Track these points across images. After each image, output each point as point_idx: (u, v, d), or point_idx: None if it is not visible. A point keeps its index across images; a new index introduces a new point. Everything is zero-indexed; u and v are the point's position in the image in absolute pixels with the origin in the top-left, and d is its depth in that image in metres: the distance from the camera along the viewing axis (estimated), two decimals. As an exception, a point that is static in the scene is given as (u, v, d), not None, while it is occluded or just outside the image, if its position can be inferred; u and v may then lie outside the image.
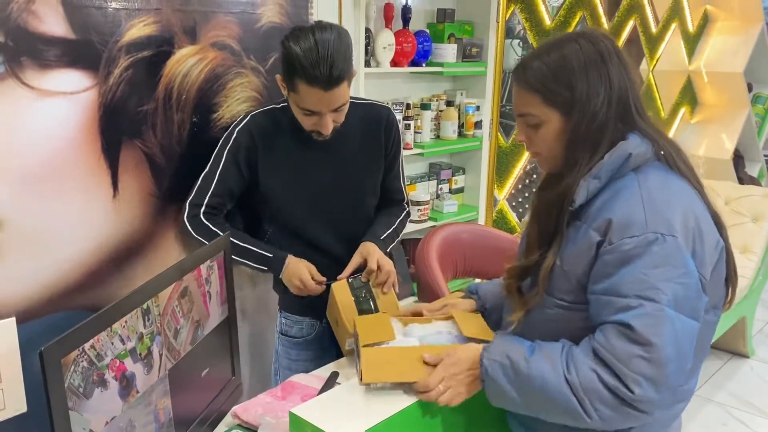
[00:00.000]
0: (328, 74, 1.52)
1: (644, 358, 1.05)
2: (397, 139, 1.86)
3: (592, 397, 1.08)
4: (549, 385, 1.11)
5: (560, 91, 1.16)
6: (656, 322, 1.05)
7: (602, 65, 1.15)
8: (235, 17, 1.92)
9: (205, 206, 1.75)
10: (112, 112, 1.68)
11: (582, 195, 1.15)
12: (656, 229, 1.08)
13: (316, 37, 1.51)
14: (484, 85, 3.04)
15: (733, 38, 4.82)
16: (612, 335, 1.08)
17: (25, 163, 1.54)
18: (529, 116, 1.20)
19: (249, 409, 1.42)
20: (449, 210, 3.03)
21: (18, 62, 1.49)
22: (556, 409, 1.12)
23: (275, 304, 1.99)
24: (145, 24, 1.71)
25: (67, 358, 0.92)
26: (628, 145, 1.15)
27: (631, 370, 1.05)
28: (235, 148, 1.74)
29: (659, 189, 1.14)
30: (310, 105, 1.59)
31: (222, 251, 1.40)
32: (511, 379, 1.16)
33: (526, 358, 1.15)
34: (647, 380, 1.05)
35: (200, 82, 1.87)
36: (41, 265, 1.60)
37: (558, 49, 1.18)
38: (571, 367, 1.10)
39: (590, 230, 1.14)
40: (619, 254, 1.09)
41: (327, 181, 1.77)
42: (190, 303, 1.27)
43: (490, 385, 1.19)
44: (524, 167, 3.60)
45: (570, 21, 3.64)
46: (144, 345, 1.10)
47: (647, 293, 1.06)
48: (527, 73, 1.19)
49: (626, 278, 1.08)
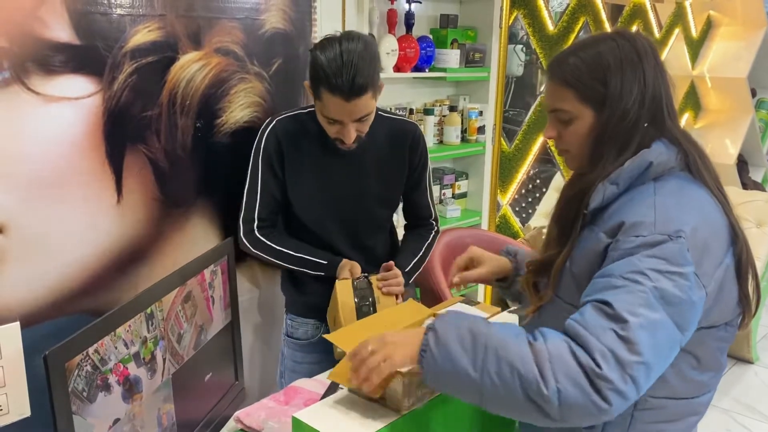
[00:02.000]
0: (351, 84, 1.54)
1: (616, 334, 0.98)
2: (424, 156, 1.89)
3: (557, 365, 0.98)
4: (510, 347, 1.01)
5: (594, 86, 1.14)
6: (636, 303, 1.00)
7: (638, 64, 1.14)
8: (239, 23, 1.93)
9: (258, 220, 1.79)
10: (116, 118, 1.69)
11: (597, 199, 1.14)
12: (665, 231, 1.06)
13: (342, 47, 1.54)
14: (487, 90, 3.05)
15: (736, 43, 4.82)
16: (587, 311, 1.03)
17: (30, 168, 1.54)
18: (561, 112, 1.18)
19: (252, 414, 1.43)
20: (452, 215, 3.03)
21: (23, 68, 1.49)
22: (510, 378, 1.00)
23: (281, 308, 1.99)
24: (150, 30, 1.72)
25: (71, 362, 0.93)
26: (650, 153, 1.13)
27: (600, 342, 0.98)
28: (267, 154, 1.78)
29: (674, 196, 1.12)
30: (332, 114, 1.62)
31: (225, 256, 1.40)
32: (466, 342, 1.04)
33: (486, 325, 1.06)
34: (615, 359, 0.97)
35: (204, 87, 1.87)
36: (45, 270, 1.61)
37: (594, 45, 1.17)
38: (537, 336, 1.03)
39: (600, 233, 1.12)
40: (622, 251, 1.07)
41: (345, 188, 1.80)
42: (194, 307, 1.27)
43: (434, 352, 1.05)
44: (527, 172, 3.60)
45: (573, 26, 3.65)
46: (147, 349, 1.10)
47: (634, 276, 1.03)
48: (563, 68, 1.17)
49: (620, 264, 1.05)
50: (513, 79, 3.43)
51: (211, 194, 1.96)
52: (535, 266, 1.27)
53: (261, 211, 1.79)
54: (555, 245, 1.22)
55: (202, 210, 1.95)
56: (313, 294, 1.85)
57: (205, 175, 1.92)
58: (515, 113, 3.55)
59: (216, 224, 1.99)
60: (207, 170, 1.92)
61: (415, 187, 1.92)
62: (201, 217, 1.95)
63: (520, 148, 3.52)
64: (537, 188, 3.77)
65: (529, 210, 3.76)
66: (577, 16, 3.65)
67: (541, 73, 3.59)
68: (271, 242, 1.79)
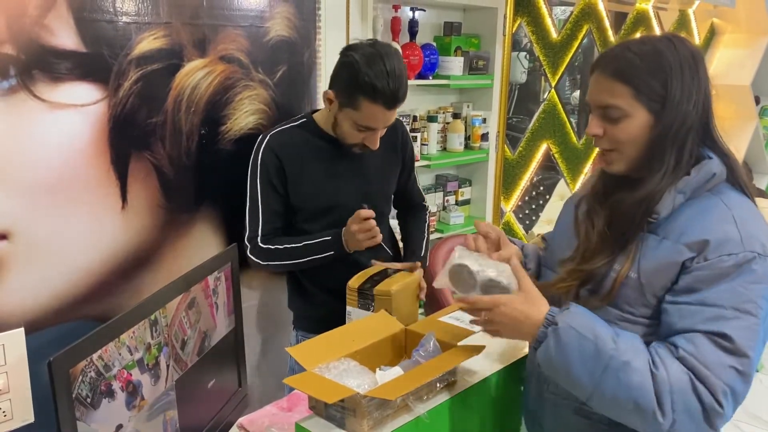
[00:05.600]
0: (395, 95, 1.64)
1: (737, 370, 1.02)
2: (411, 148, 2.00)
3: (677, 399, 1.01)
4: (632, 373, 1.03)
5: (654, 86, 1.10)
6: (753, 336, 1.03)
7: (695, 68, 1.11)
8: (244, 31, 1.94)
9: (261, 236, 1.80)
10: (121, 124, 1.69)
11: (668, 208, 1.11)
12: (753, 248, 1.06)
13: (384, 60, 1.62)
14: (491, 97, 3.05)
15: (740, 51, 4.82)
16: (704, 344, 1.03)
17: (35, 174, 1.55)
18: (612, 108, 1.13)
19: (255, 421, 1.42)
20: (456, 222, 3.03)
21: (30, 75, 1.50)
22: (625, 399, 1.04)
23: (285, 314, 1.99)
24: (155, 37, 1.73)
25: (76, 368, 0.93)
26: (712, 165, 1.13)
27: (722, 380, 1.01)
28: (265, 171, 1.79)
29: (746, 211, 1.12)
30: (368, 121, 1.68)
31: (229, 262, 1.40)
32: (588, 354, 1.05)
33: (614, 339, 1.06)
34: (733, 394, 1.02)
35: (209, 94, 1.88)
36: (50, 276, 1.61)
37: (651, 44, 1.13)
38: (658, 363, 1.04)
39: (680, 245, 1.09)
40: (717, 270, 1.05)
41: (350, 191, 1.82)
42: (198, 314, 1.27)
43: (552, 349, 1.08)
44: (531, 179, 3.60)
45: (576, 34, 3.65)
46: (151, 356, 1.11)
47: (746, 306, 1.03)
48: (618, 63, 1.12)
49: (722, 291, 1.04)
50: (516, 86, 3.43)
51: (216, 201, 1.96)
52: (583, 275, 1.18)
53: (264, 228, 1.81)
54: (602, 255, 1.16)
55: (206, 216, 1.95)
56: (323, 306, 1.86)
57: (209, 182, 1.92)
58: (518, 120, 3.55)
59: (220, 231, 2.00)
60: (211, 177, 1.92)
61: (407, 177, 2.02)
62: (205, 224, 1.96)
63: (524, 155, 3.52)
64: (540, 195, 3.77)
65: (533, 217, 3.76)
66: (580, 24, 3.66)
67: (544, 80, 3.60)
68: (276, 245, 1.80)
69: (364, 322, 1.47)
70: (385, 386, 1.14)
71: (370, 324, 1.43)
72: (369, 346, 1.33)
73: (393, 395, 1.10)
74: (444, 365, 1.22)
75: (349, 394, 1.10)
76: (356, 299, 1.67)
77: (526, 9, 3.28)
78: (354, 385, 1.15)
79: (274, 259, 1.79)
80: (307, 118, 1.85)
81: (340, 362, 1.22)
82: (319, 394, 1.10)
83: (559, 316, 1.10)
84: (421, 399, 1.21)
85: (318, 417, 1.18)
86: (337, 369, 1.20)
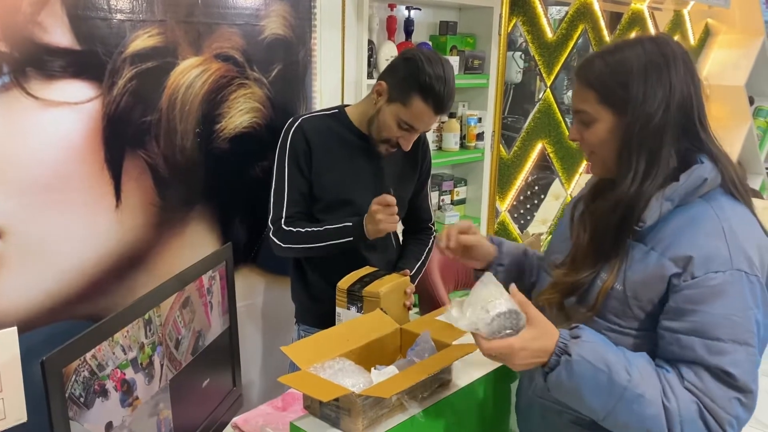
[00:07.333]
0: (445, 102, 1.70)
1: (742, 403, 1.05)
2: (429, 161, 1.99)
3: (687, 429, 1.04)
4: (646, 405, 1.05)
5: (615, 89, 1.13)
6: (752, 368, 1.06)
7: (664, 69, 1.11)
8: (239, 29, 1.93)
9: (285, 218, 1.80)
10: (115, 123, 1.69)
11: (654, 216, 1.10)
12: (740, 266, 1.05)
13: (444, 66, 1.68)
14: (486, 97, 3.06)
15: (734, 52, 4.84)
16: (708, 379, 1.05)
17: (29, 173, 1.54)
18: (583, 113, 1.17)
19: (250, 420, 1.42)
20: (451, 221, 3.03)
21: (23, 73, 1.50)
22: (638, 428, 1.06)
23: (281, 314, 1.99)
24: (150, 35, 1.73)
25: (69, 367, 0.92)
26: (703, 170, 1.12)
27: (728, 413, 1.04)
28: (293, 153, 1.79)
29: (737, 222, 1.11)
30: (412, 120, 1.71)
31: (223, 261, 1.40)
32: (602, 386, 1.05)
33: (627, 369, 1.06)
34: (738, 424, 1.06)
35: (204, 93, 1.88)
36: (43, 275, 1.60)
37: (621, 50, 1.15)
38: (669, 394, 1.05)
39: (665, 259, 1.08)
40: (704, 289, 1.05)
41: (368, 190, 1.82)
42: (192, 313, 1.27)
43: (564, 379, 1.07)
44: (526, 179, 3.61)
45: (572, 34, 3.66)
46: (145, 355, 1.10)
47: (743, 337, 1.04)
48: (587, 70, 1.17)
49: (717, 319, 1.05)
50: (512, 85, 3.43)
51: (210, 199, 1.96)
52: (567, 287, 1.18)
53: (289, 209, 1.80)
54: (589, 264, 1.16)
55: (200, 215, 1.95)
56: (328, 301, 1.85)
57: (204, 181, 1.92)
58: (514, 120, 3.55)
59: (215, 230, 1.99)
60: (206, 175, 1.92)
61: (419, 190, 1.99)
62: (200, 223, 1.95)
63: (519, 154, 3.53)
64: (536, 195, 3.77)
65: (528, 216, 3.76)
66: (575, 24, 3.66)
67: (539, 80, 3.60)
68: (298, 228, 1.80)
69: (359, 321, 1.47)
70: (380, 385, 1.14)
71: (366, 323, 1.42)
72: (364, 345, 1.32)
73: (388, 393, 1.10)
74: (439, 364, 1.22)
75: (344, 393, 1.10)
76: (345, 300, 1.67)
77: (521, 9, 3.28)
78: (349, 384, 1.15)
79: (294, 241, 1.78)
80: (339, 110, 1.86)
81: (335, 361, 1.22)
82: (314, 392, 1.10)
83: (572, 346, 1.07)
84: (415, 398, 1.21)
85: (313, 416, 1.18)
86: (332, 368, 1.20)
